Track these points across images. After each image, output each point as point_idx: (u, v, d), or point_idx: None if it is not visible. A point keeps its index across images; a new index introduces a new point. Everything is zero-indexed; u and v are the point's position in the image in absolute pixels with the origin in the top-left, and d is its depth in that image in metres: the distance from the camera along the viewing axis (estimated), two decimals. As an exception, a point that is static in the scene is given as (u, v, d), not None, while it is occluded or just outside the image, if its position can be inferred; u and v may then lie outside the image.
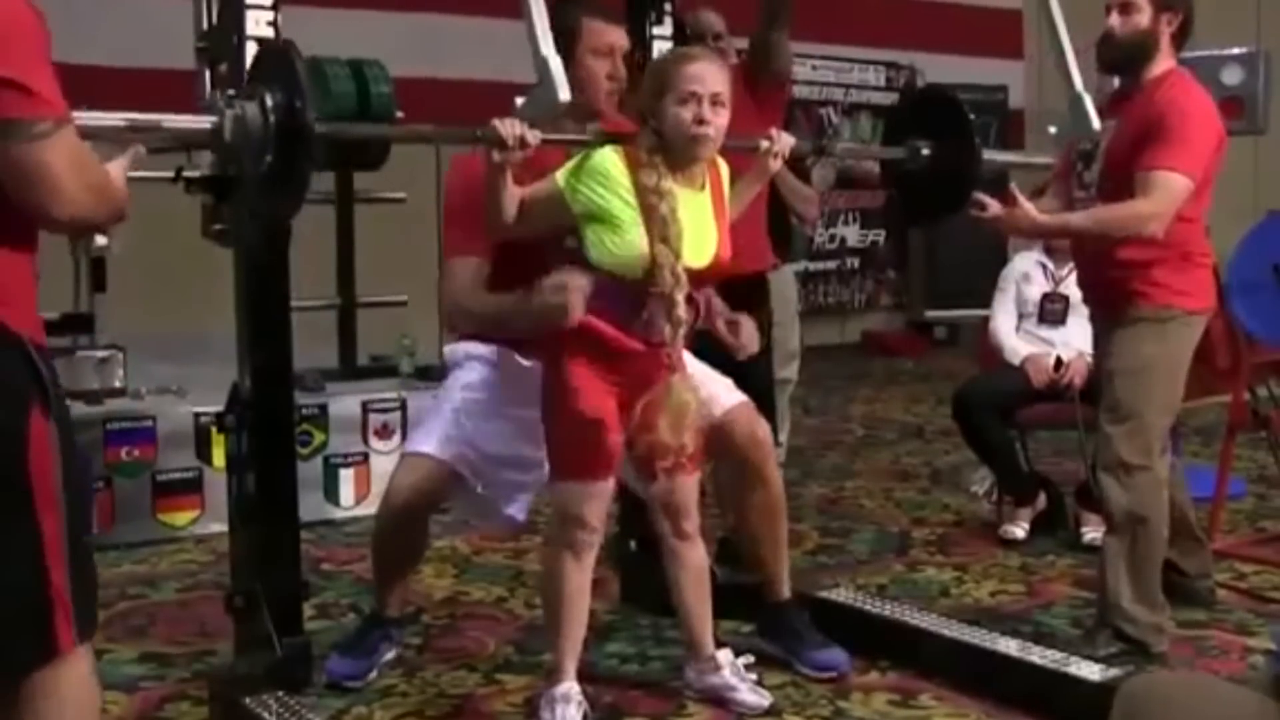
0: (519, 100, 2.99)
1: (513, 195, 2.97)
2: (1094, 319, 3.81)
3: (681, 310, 2.92)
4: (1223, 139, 3.53)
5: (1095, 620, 3.63)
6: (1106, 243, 3.53)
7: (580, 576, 3.07)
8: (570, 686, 3.07)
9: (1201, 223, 3.60)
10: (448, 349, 3.54)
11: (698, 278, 3.00)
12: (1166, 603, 3.60)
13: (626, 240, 2.93)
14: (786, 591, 3.58)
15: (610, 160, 2.97)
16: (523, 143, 2.85)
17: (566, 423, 3.00)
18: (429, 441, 3.36)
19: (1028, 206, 3.53)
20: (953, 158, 3.60)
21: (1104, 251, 3.56)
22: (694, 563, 3.23)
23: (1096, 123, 3.54)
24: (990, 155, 3.61)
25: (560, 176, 2.99)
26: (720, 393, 3.39)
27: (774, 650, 3.51)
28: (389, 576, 3.52)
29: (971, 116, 3.66)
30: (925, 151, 3.60)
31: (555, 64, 2.89)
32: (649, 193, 2.92)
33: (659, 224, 2.90)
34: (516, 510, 3.41)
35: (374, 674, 3.46)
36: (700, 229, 3.02)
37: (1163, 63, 3.56)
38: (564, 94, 2.88)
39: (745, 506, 3.49)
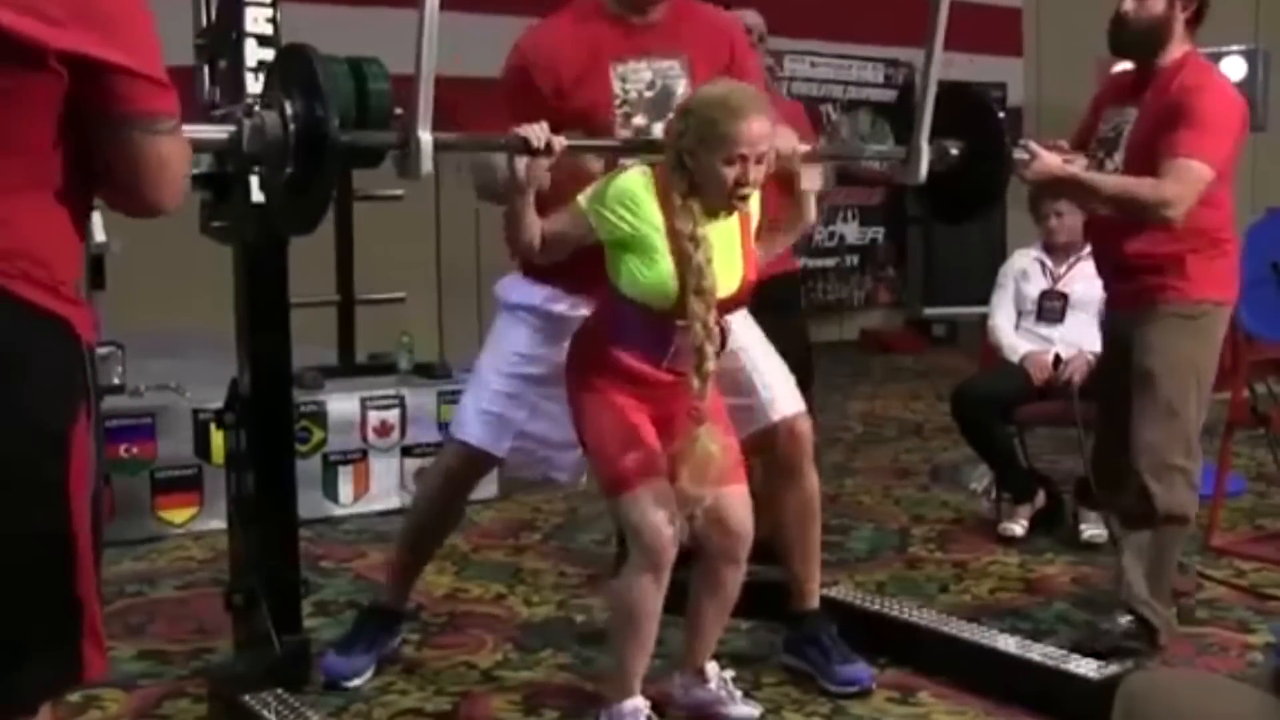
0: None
1: (534, 221, 2.86)
2: (1115, 313, 3.73)
3: (711, 363, 2.84)
4: (1245, 121, 3.51)
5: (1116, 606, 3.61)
6: (1128, 227, 3.48)
7: (658, 597, 2.93)
8: (639, 702, 2.99)
9: (1229, 208, 3.56)
10: (499, 283, 3.40)
11: (726, 304, 2.93)
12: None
13: (656, 271, 2.84)
14: (814, 601, 3.50)
15: (639, 184, 2.87)
16: (549, 148, 2.76)
17: (605, 435, 2.93)
18: (470, 429, 3.36)
19: (1050, 156, 3.46)
20: (982, 156, 3.53)
21: (1131, 242, 3.51)
22: (729, 589, 3.10)
23: (923, 175, 3.38)
24: (1018, 154, 3.55)
25: (584, 201, 2.89)
26: (779, 397, 3.32)
27: (799, 666, 3.45)
28: (409, 563, 3.56)
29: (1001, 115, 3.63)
30: (954, 151, 3.53)
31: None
32: (684, 239, 2.82)
33: (694, 273, 2.81)
34: (582, 477, 3.43)
35: (372, 670, 3.46)
36: (729, 256, 2.93)
37: (1178, 48, 3.51)
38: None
39: (781, 506, 3.40)
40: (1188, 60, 3.51)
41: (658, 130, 3.08)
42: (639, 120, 3.17)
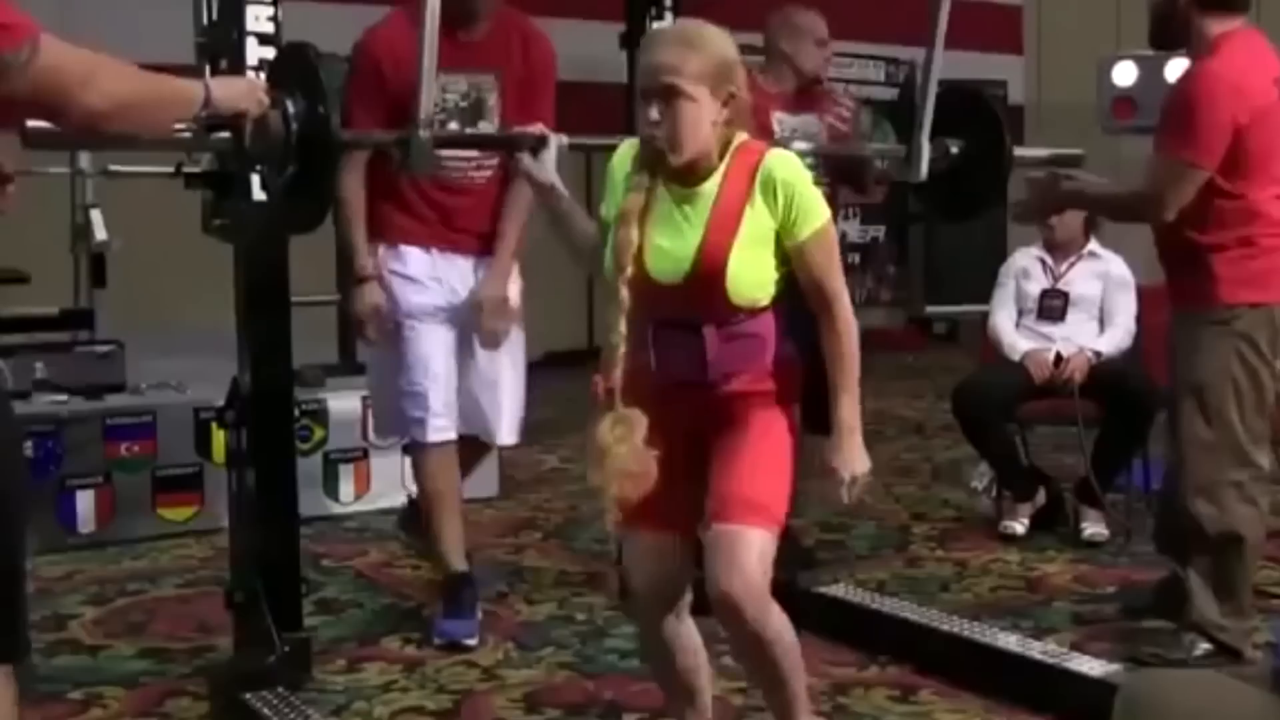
0: None
1: (581, 218, 2.72)
2: (1171, 314, 3.56)
3: (616, 334, 2.45)
4: (1258, 111, 3.27)
5: (1178, 623, 3.48)
6: (1164, 227, 3.39)
7: (658, 642, 2.65)
8: None
9: (1266, 202, 3.34)
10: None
11: (684, 296, 2.50)
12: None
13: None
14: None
15: (618, 158, 2.62)
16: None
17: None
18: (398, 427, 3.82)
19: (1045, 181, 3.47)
20: (983, 155, 3.53)
21: (1170, 242, 3.41)
22: (751, 656, 2.60)
23: (923, 172, 3.42)
24: (1021, 151, 3.57)
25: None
26: (503, 427, 3.81)
27: None
28: (441, 533, 3.75)
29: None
30: (955, 149, 3.54)
31: None
32: (626, 193, 2.54)
33: (615, 231, 2.52)
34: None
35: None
36: (678, 235, 2.52)
37: (1209, 30, 3.32)
38: None
39: None
40: (1214, 42, 3.32)
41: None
42: (453, 126, 3.51)
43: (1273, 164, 3.35)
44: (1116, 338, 4.83)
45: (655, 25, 3.88)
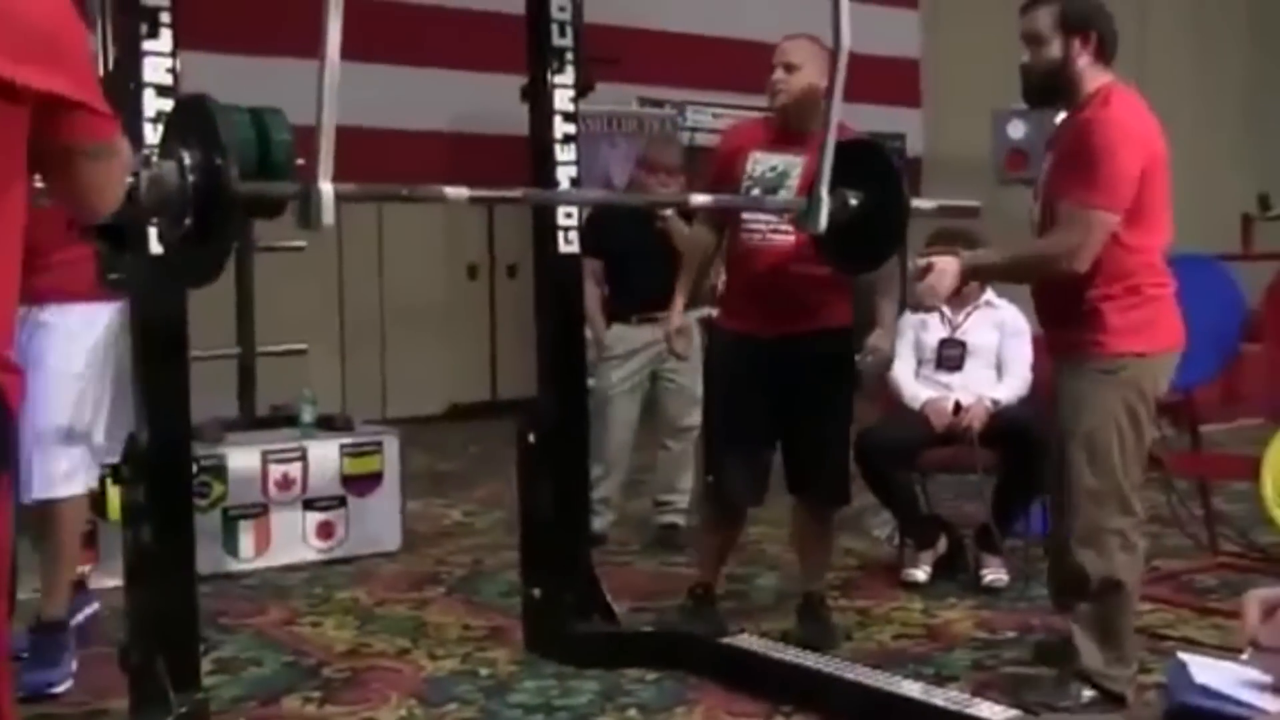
0: None
1: None
2: (1052, 364, 3.59)
3: None
4: (1154, 160, 3.33)
5: (1062, 671, 3.52)
6: (1042, 281, 3.44)
7: None
8: None
9: (1154, 252, 3.40)
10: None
11: None
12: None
13: None
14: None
15: None
16: None
17: None
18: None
19: (940, 263, 3.45)
20: (881, 206, 3.57)
21: (1053, 292, 3.45)
22: None
23: (823, 224, 3.45)
24: (917, 203, 3.63)
25: None
26: (35, 477, 3.74)
27: None
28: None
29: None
30: (853, 201, 3.59)
31: None
32: None
33: None
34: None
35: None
36: None
37: (1091, 83, 3.39)
38: None
39: None
40: (1096, 96, 3.38)
41: None
42: None
43: (1162, 214, 3.40)
44: (1013, 386, 4.91)
45: (555, 78, 3.89)
